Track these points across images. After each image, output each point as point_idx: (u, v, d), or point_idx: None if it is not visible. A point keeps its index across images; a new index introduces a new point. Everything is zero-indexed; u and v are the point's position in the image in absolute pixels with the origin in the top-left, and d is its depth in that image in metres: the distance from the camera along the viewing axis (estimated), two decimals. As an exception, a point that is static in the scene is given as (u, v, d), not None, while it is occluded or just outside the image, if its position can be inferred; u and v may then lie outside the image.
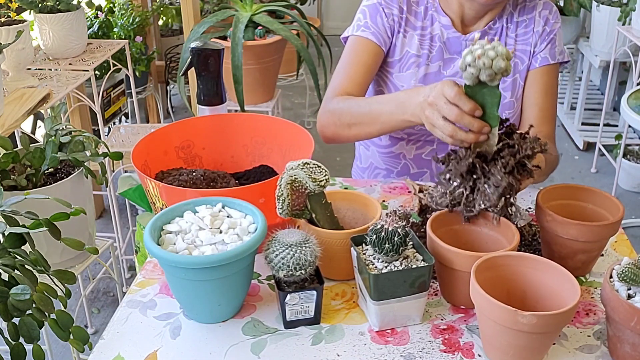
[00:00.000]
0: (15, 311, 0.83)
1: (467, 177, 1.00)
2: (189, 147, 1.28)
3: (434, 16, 1.36)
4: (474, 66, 0.91)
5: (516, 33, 1.37)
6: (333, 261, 0.98)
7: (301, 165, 0.95)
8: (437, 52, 1.36)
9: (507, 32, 1.37)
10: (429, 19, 1.36)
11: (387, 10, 1.36)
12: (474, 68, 0.91)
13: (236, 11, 2.49)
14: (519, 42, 1.37)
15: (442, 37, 1.35)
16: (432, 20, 1.36)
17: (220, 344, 0.92)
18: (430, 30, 1.36)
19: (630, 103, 2.33)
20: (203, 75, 1.30)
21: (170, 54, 3.31)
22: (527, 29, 1.37)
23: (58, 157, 1.24)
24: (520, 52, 1.37)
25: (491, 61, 0.89)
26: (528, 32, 1.37)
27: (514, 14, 1.37)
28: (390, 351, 0.90)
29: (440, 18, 1.35)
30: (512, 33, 1.37)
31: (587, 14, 3.45)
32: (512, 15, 1.37)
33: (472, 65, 0.91)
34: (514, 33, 1.37)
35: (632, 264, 0.84)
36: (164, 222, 0.97)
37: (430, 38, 1.36)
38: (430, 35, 1.36)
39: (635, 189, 3.08)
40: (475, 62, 0.90)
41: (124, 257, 2.43)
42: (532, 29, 1.36)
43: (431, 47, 1.36)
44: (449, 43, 1.35)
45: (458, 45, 1.35)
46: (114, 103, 2.76)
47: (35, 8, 2.09)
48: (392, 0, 1.36)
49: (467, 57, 0.91)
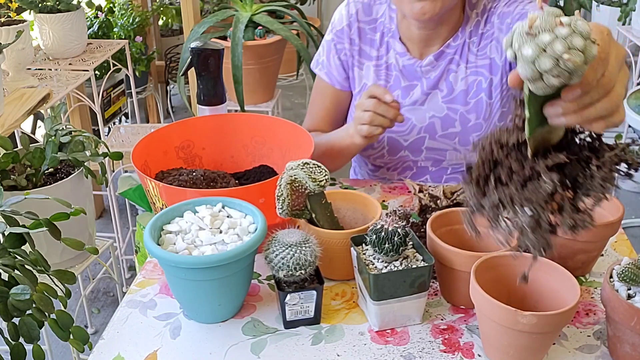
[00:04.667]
0: (15, 311, 0.83)
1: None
2: (189, 147, 1.28)
3: (389, 43, 1.31)
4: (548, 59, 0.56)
5: (478, 47, 1.27)
6: (333, 261, 0.98)
7: (301, 165, 0.95)
8: (395, 81, 1.32)
9: (469, 47, 1.27)
10: (384, 46, 1.32)
11: (339, 45, 1.35)
12: (548, 61, 0.56)
13: (236, 11, 2.49)
14: (479, 56, 1.27)
15: (397, 65, 1.31)
16: (388, 48, 1.32)
17: (220, 344, 0.92)
18: (386, 59, 1.32)
19: (630, 103, 2.33)
20: (203, 75, 1.30)
21: (170, 54, 3.31)
22: (487, 40, 1.26)
23: (58, 157, 1.24)
24: (481, 68, 1.27)
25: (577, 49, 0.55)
26: (487, 42, 1.26)
27: (481, 23, 1.27)
28: (390, 351, 0.90)
29: (395, 45, 1.30)
30: (474, 47, 1.27)
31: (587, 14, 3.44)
32: (477, 26, 1.27)
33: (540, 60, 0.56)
34: (476, 47, 1.27)
35: (632, 264, 0.85)
36: (164, 222, 0.97)
37: (386, 67, 1.32)
38: (386, 64, 1.32)
39: (635, 189, 3.08)
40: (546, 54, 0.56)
41: (124, 257, 2.43)
42: (492, 34, 1.26)
43: (388, 76, 1.33)
44: (405, 71, 1.31)
45: (414, 72, 1.30)
46: (114, 103, 2.76)
47: (35, 8, 2.08)
48: (343, 34, 1.34)
49: (525, 49, 0.57)
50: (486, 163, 0.69)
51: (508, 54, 0.59)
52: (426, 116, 1.32)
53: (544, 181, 0.65)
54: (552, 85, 0.57)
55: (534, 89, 0.59)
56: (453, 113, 1.30)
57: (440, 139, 1.32)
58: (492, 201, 0.67)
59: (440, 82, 1.29)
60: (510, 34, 0.58)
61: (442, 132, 1.32)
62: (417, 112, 1.32)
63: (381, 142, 1.36)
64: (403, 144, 1.35)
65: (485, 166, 0.69)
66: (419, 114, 1.32)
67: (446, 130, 1.31)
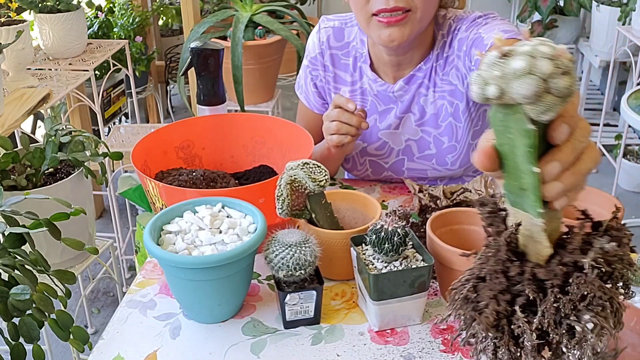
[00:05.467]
0: (15, 311, 0.83)
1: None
2: (188, 147, 1.28)
3: (362, 68, 1.30)
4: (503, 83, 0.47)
5: (443, 72, 1.23)
6: (333, 261, 0.98)
7: (301, 165, 0.95)
8: (372, 106, 1.31)
9: (436, 70, 1.24)
10: (358, 71, 1.31)
11: (314, 72, 1.35)
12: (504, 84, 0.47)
13: (236, 11, 2.49)
14: (444, 81, 1.24)
15: (371, 90, 1.30)
16: (361, 73, 1.30)
17: (220, 344, 0.92)
18: (360, 84, 1.31)
19: (630, 103, 2.33)
20: (203, 75, 1.30)
21: (170, 54, 3.31)
22: (450, 66, 1.22)
23: (58, 157, 1.24)
24: (446, 93, 1.24)
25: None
26: (450, 67, 1.22)
27: (446, 45, 1.23)
28: (390, 351, 0.90)
29: (367, 71, 1.29)
30: (440, 71, 1.24)
31: (587, 14, 3.45)
32: (443, 48, 1.23)
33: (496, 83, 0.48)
34: (442, 71, 1.24)
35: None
36: (164, 222, 0.97)
37: (361, 92, 1.31)
38: (361, 89, 1.31)
39: (635, 189, 3.08)
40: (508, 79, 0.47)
41: (124, 257, 2.43)
42: (452, 61, 1.22)
43: (363, 101, 1.32)
44: (380, 95, 1.29)
45: (387, 97, 1.29)
46: (114, 103, 2.76)
47: (35, 8, 2.09)
48: (316, 61, 1.34)
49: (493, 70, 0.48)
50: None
51: (489, 91, 0.48)
52: (402, 139, 1.32)
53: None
54: (561, 92, 0.46)
55: (537, 113, 0.47)
56: (427, 136, 1.30)
57: (418, 161, 1.33)
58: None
59: (412, 106, 1.28)
60: (481, 73, 0.49)
61: (419, 154, 1.32)
62: (393, 136, 1.32)
63: (364, 165, 1.37)
64: (385, 166, 1.36)
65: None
66: (395, 137, 1.32)
67: (422, 152, 1.32)
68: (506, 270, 0.56)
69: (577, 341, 0.54)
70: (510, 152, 0.51)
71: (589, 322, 0.53)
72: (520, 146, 0.49)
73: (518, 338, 0.55)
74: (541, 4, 3.24)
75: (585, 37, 3.44)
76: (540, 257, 0.56)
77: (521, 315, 0.54)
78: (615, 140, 3.08)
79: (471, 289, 0.57)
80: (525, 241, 0.56)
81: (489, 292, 0.56)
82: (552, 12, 3.28)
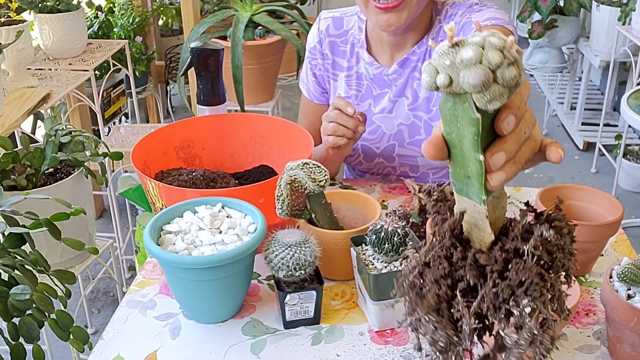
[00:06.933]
0: (15, 311, 0.83)
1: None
2: (188, 147, 1.28)
3: (359, 53, 1.33)
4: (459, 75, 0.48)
5: None
6: (333, 261, 0.98)
7: (301, 165, 0.95)
8: (367, 90, 1.34)
9: (430, 54, 1.24)
10: (354, 57, 1.34)
11: (314, 62, 1.38)
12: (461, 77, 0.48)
13: (236, 11, 2.49)
14: None
15: (368, 74, 1.32)
16: (358, 58, 1.33)
17: (220, 344, 0.92)
18: (357, 69, 1.34)
19: (630, 103, 2.33)
20: (203, 75, 1.30)
21: (170, 54, 3.31)
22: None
23: (58, 157, 1.24)
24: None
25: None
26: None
27: (441, 30, 1.25)
28: (390, 351, 0.90)
29: (364, 55, 1.31)
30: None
31: (587, 14, 3.44)
32: (438, 33, 1.25)
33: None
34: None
35: (632, 264, 0.85)
36: (164, 222, 0.97)
37: (357, 77, 1.34)
38: (357, 74, 1.34)
39: (635, 189, 3.08)
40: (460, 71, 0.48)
41: (124, 257, 2.43)
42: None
43: (359, 86, 1.34)
44: (375, 79, 1.32)
45: (382, 80, 1.31)
46: (114, 103, 2.76)
47: (35, 8, 2.08)
48: (315, 50, 1.37)
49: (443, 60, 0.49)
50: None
51: (439, 79, 0.49)
52: (394, 124, 1.33)
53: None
54: (507, 83, 0.46)
55: (484, 102, 0.47)
56: (418, 120, 1.31)
57: (409, 147, 1.34)
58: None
59: (406, 90, 1.30)
60: (432, 62, 0.50)
61: (410, 140, 1.34)
62: (386, 120, 1.34)
63: (356, 150, 1.39)
64: (376, 152, 1.38)
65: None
66: (388, 121, 1.34)
67: (413, 137, 1.33)
68: (449, 256, 0.57)
69: (515, 325, 0.54)
70: (458, 140, 0.52)
71: (527, 307, 0.54)
72: (467, 134, 0.50)
73: (457, 322, 0.56)
74: (541, 4, 3.24)
75: (585, 37, 3.44)
76: (483, 243, 0.56)
77: (461, 299, 0.55)
78: (615, 140, 3.08)
79: (417, 275, 0.58)
80: (470, 228, 0.57)
81: (431, 276, 0.57)
82: (552, 12, 3.28)
